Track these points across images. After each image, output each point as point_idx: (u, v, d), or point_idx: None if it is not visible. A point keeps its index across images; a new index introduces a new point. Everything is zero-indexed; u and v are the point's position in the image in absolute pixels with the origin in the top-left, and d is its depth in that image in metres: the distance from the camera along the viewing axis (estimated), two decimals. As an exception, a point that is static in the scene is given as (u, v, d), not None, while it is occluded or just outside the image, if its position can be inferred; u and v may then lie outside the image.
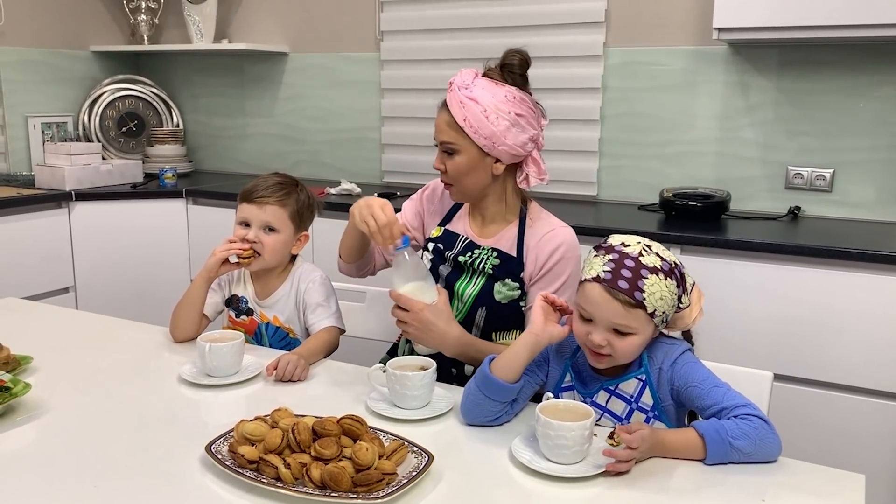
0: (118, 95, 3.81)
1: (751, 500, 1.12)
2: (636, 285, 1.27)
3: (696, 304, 1.36)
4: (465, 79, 1.62)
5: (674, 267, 1.32)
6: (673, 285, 1.30)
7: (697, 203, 2.63)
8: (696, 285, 1.38)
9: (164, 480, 1.15)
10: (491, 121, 1.59)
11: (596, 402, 1.37)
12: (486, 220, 1.75)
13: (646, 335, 1.30)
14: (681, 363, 1.33)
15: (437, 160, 1.69)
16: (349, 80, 3.53)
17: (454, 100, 1.61)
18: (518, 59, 1.65)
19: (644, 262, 1.29)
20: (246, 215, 1.80)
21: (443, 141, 1.66)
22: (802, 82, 2.70)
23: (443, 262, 1.75)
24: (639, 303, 1.26)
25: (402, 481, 1.09)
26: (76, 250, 3.16)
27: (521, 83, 1.65)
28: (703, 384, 1.30)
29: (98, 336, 1.80)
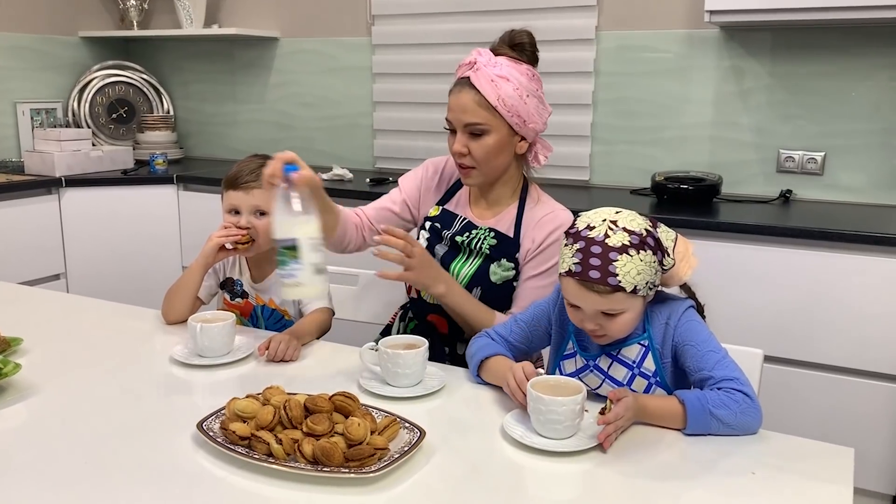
0: (108, 82, 3.79)
1: (740, 473, 1.12)
2: (607, 270, 1.24)
3: (685, 257, 1.33)
4: (487, 58, 1.60)
5: (645, 235, 1.28)
6: (648, 255, 1.27)
7: (689, 187, 2.64)
8: (680, 238, 1.35)
9: (155, 458, 1.14)
10: (524, 99, 1.59)
11: (598, 365, 1.38)
12: (490, 202, 1.74)
13: (636, 309, 1.30)
14: (685, 319, 1.34)
15: (459, 143, 1.63)
16: (340, 66, 3.52)
17: (484, 78, 1.58)
18: (528, 37, 1.64)
19: (611, 244, 1.25)
20: (234, 202, 1.79)
21: (470, 122, 1.60)
22: (795, 66, 2.70)
23: (439, 241, 1.74)
24: (615, 287, 1.25)
25: (393, 456, 1.09)
26: (67, 237, 3.14)
27: (535, 61, 1.66)
28: (700, 346, 1.30)
29: (89, 318, 1.79)
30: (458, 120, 1.62)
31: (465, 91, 1.61)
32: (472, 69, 1.60)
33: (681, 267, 1.33)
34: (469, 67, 1.61)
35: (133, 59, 3.95)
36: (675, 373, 1.37)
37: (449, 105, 1.65)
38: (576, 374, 1.40)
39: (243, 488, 1.06)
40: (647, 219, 1.32)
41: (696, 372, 1.30)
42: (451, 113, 1.64)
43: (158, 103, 3.93)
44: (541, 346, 1.51)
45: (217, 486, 1.07)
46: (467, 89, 1.60)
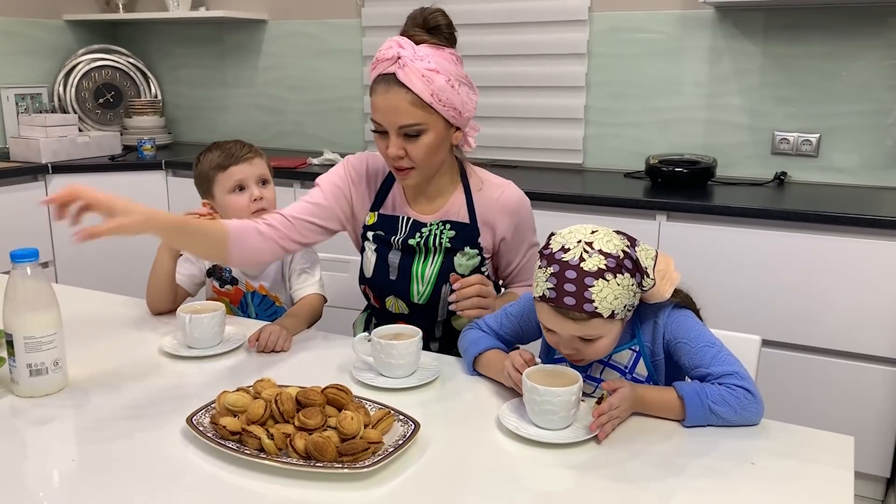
0: (94, 66, 3.73)
1: (740, 463, 1.11)
2: (583, 297, 1.18)
3: (666, 275, 1.27)
4: (411, 50, 1.47)
5: (622, 258, 1.20)
6: (625, 279, 1.20)
7: (683, 170, 2.62)
8: (661, 255, 1.29)
9: (144, 453, 1.12)
10: (456, 89, 1.50)
11: (590, 374, 1.35)
12: (431, 196, 1.65)
13: (614, 333, 1.25)
14: (674, 316, 1.30)
15: (394, 146, 1.50)
16: (330, 49, 3.47)
17: (413, 74, 1.45)
18: (443, 18, 1.52)
19: (586, 269, 1.18)
20: (239, 177, 1.76)
21: (406, 124, 1.48)
22: (789, 46, 2.67)
23: (388, 248, 1.65)
24: (591, 313, 1.19)
25: (388, 450, 1.07)
26: (54, 224, 3.10)
27: (453, 42, 1.54)
28: (693, 342, 1.26)
29: (77, 309, 1.75)
30: (391, 122, 1.49)
31: (393, 90, 1.47)
32: (398, 65, 1.46)
33: (661, 285, 1.26)
34: (392, 63, 1.47)
35: (119, 43, 3.89)
36: (670, 368, 1.34)
37: (375, 105, 1.50)
38: None
39: (234, 484, 1.04)
40: (625, 237, 1.24)
41: (693, 369, 1.26)
42: (380, 114, 1.50)
43: (146, 87, 3.88)
44: (532, 339, 1.47)
45: (207, 482, 1.05)
46: (396, 88, 1.47)
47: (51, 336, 1.28)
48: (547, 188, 2.53)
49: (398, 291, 1.67)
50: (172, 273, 1.74)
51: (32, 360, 1.27)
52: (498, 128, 3.13)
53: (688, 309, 1.33)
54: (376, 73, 1.51)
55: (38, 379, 1.28)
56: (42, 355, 1.27)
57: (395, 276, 1.66)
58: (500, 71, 3.09)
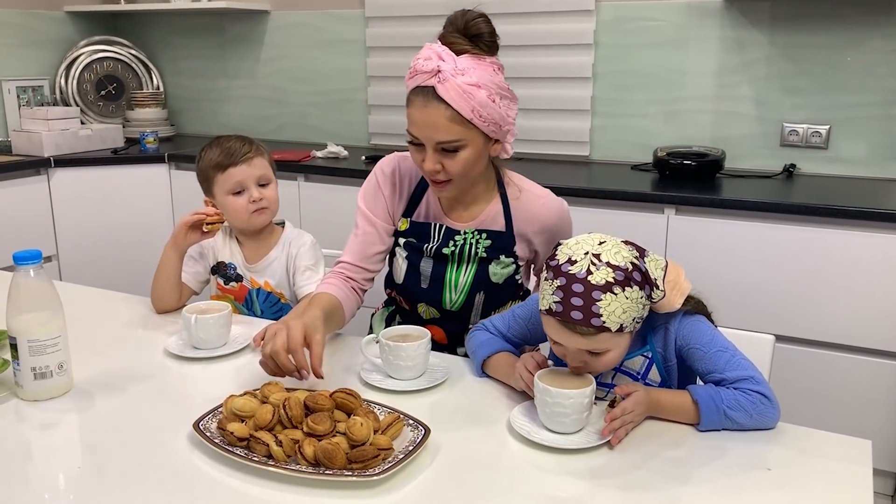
0: (96, 58, 3.70)
1: (756, 468, 1.09)
2: (590, 311, 1.14)
3: (676, 285, 1.24)
4: (451, 63, 1.40)
5: (631, 270, 1.16)
6: (634, 292, 1.16)
7: (692, 162, 2.59)
8: (671, 264, 1.25)
9: (150, 458, 1.10)
10: (497, 103, 1.44)
11: (602, 382, 1.32)
12: (467, 204, 1.61)
13: (622, 346, 1.22)
14: (685, 321, 1.27)
15: (431, 161, 1.45)
16: (333, 39, 3.44)
17: (454, 90, 1.39)
18: (486, 25, 1.45)
19: (594, 282, 1.14)
20: (238, 179, 1.73)
21: (443, 140, 1.43)
22: (797, 36, 2.63)
23: (420, 256, 1.61)
24: (599, 328, 1.15)
25: (398, 456, 1.05)
26: (57, 218, 3.09)
27: (495, 49, 1.48)
28: (706, 347, 1.24)
29: (81, 308, 1.74)
30: (429, 138, 1.44)
31: (432, 105, 1.41)
32: (437, 79, 1.40)
33: (671, 296, 1.23)
34: (432, 76, 1.40)
35: (121, 35, 3.86)
36: (682, 373, 1.32)
37: (413, 119, 1.45)
38: None
39: (242, 491, 1.02)
40: (634, 248, 1.21)
41: (706, 374, 1.24)
42: (417, 129, 1.45)
43: (148, 79, 3.85)
44: (540, 342, 1.45)
45: (215, 489, 1.03)
46: (435, 103, 1.41)
47: (55, 339, 1.26)
48: (553, 181, 2.49)
49: (430, 299, 1.64)
50: (179, 272, 1.72)
51: (37, 364, 1.25)
52: (503, 119, 3.10)
53: (700, 314, 1.30)
54: (414, 85, 1.44)
55: (42, 382, 1.27)
56: (46, 358, 1.26)
57: (426, 285, 1.62)
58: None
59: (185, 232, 1.70)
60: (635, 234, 2.44)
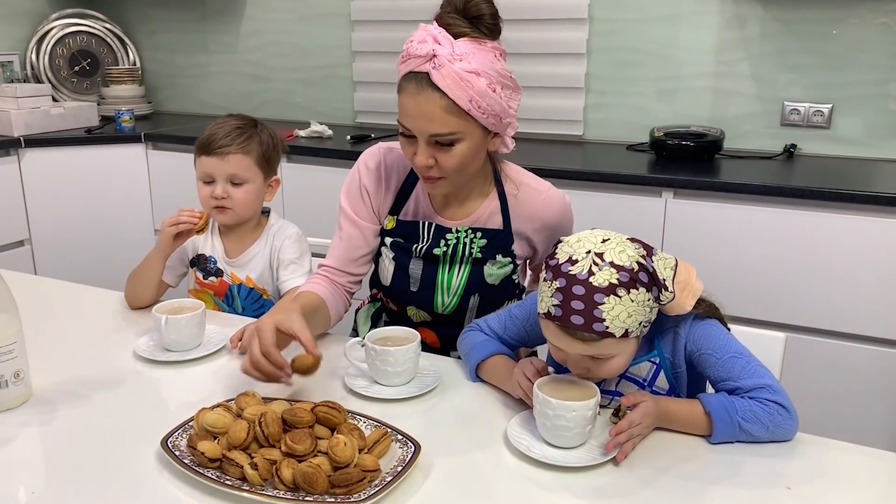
0: (68, 31, 3.54)
1: (775, 487, 1.00)
2: (592, 315, 1.05)
3: (687, 286, 1.15)
4: (448, 47, 1.27)
5: (636, 270, 1.07)
6: (640, 294, 1.07)
7: (690, 142, 2.49)
8: (681, 264, 1.16)
9: (115, 479, 1.01)
10: (498, 93, 1.31)
11: (605, 388, 1.23)
12: (461, 200, 1.48)
13: (628, 352, 1.13)
14: (696, 326, 1.18)
15: (423, 155, 1.32)
16: (317, 12, 3.30)
17: (450, 77, 1.26)
18: (487, 7, 1.31)
19: (596, 284, 1.05)
20: (208, 170, 1.62)
21: (437, 133, 1.30)
22: (799, 11, 2.52)
23: (408, 258, 1.50)
24: (602, 333, 1.06)
25: (385, 479, 0.96)
26: (29, 201, 2.96)
27: (497, 32, 1.34)
28: (719, 352, 1.15)
29: (46, 303, 1.63)
30: (421, 130, 1.31)
31: (425, 94, 1.28)
32: (432, 64, 1.26)
33: (682, 298, 1.14)
34: (426, 61, 1.27)
35: (95, 7, 3.69)
36: (692, 380, 1.23)
37: (404, 108, 1.32)
38: None
39: (215, 518, 0.93)
40: (641, 246, 1.11)
41: (719, 382, 1.15)
42: (409, 119, 1.31)
43: (124, 54, 3.69)
44: (538, 344, 1.36)
45: (185, 516, 0.94)
46: (429, 91, 1.27)
47: (10, 346, 1.16)
48: (546, 162, 2.40)
49: (420, 302, 1.52)
50: (160, 275, 1.62)
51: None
52: (494, 97, 2.98)
53: (712, 318, 1.20)
54: (406, 70, 1.31)
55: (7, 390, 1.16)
56: (1, 367, 1.15)
57: (416, 288, 1.51)
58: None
59: (172, 241, 1.58)
60: (631, 218, 2.37)
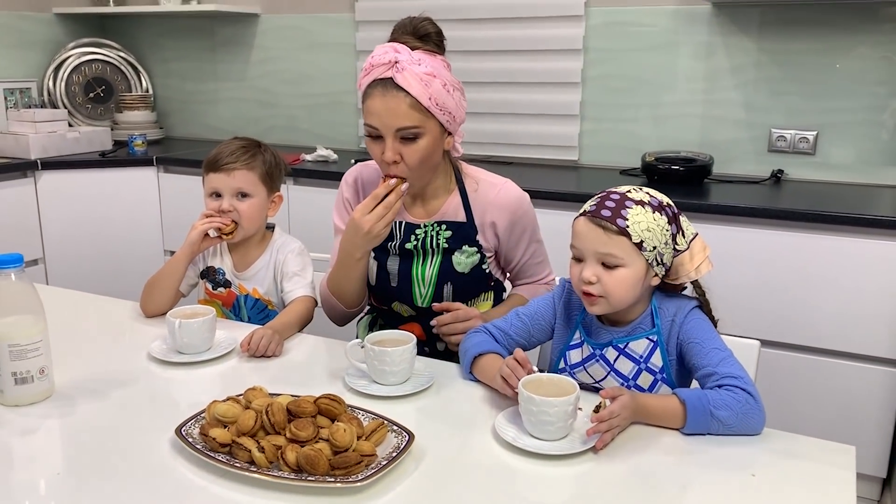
0: (84, 60, 3.68)
1: (739, 474, 1.09)
2: (619, 213, 1.26)
3: (700, 252, 1.33)
4: (407, 55, 1.47)
5: (665, 205, 1.30)
6: (662, 220, 1.28)
7: (680, 167, 2.59)
8: (700, 238, 1.35)
9: (132, 465, 1.09)
10: (451, 94, 1.51)
11: (605, 356, 1.35)
12: (426, 200, 1.65)
13: (636, 270, 1.27)
14: (691, 317, 1.32)
15: (391, 150, 1.49)
16: (323, 42, 3.43)
17: (412, 77, 1.45)
18: (432, 26, 1.54)
19: (630, 196, 1.29)
20: (215, 185, 1.74)
21: (403, 127, 1.47)
22: (785, 42, 2.64)
23: (386, 255, 1.66)
24: (622, 229, 1.25)
25: (381, 463, 1.05)
26: (44, 221, 3.07)
27: (443, 51, 1.56)
28: (704, 343, 1.28)
29: (65, 312, 1.73)
30: (388, 126, 1.48)
31: (391, 93, 1.46)
32: (396, 69, 1.46)
33: (694, 259, 1.32)
34: (389, 67, 1.46)
35: (110, 37, 3.84)
36: (680, 371, 1.34)
37: (371, 109, 1.49)
38: (581, 363, 1.37)
39: (224, 497, 1.02)
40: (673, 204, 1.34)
41: (699, 369, 1.27)
42: (377, 118, 1.48)
43: (137, 82, 3.83)
44: (540, 341, 1.48)
45: (197, 496, 1.02)
46: (394, 91, 1.46)
47: (36, 343, 1.25)
48: (542, 185, 2.50)
49: (401, 297, 1.67)
50: (182, 278, 1.72)
51: (17, 369, 1.24)
52: (492, 124, 3.10)
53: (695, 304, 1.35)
54: (371, 79, 1.50)
55: (23, 387, 1.25)
56: (27, 363, 1.25)
57: (395, 283, 1.66)
58: (494, 67, 3.05)
59: (200, 242, 1.70)
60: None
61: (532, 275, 1.74)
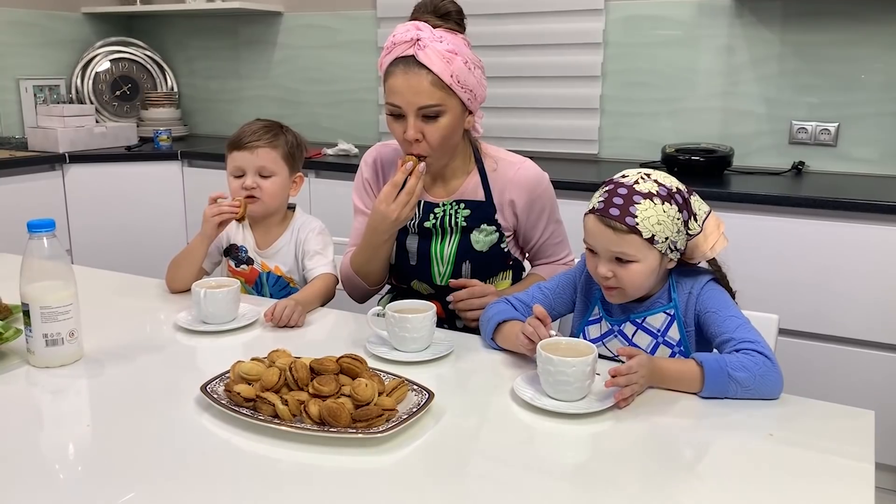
0: (111, 58, 3.75)
1: (758, 434, 1.09)
2: (627, 211, 1.24)
3: (714, 231, 1.32)
4: (429, 32, 1.48)
5: (674, 192, 1.28)
6: (672, 209, 1.26)
7: (700, 158, 2.59)
8: (713, 215, 1.34)
9: (158, 422, 1.12)
10: (472, 72, 1.52)
11: (623, 331, 1.36)
12: (446, 179, 1.67)
13: (650, 263, 1.27)
14: (707, 288, 1.33)
15: (413, 129, 1.50)
16: (345, 40, 3.47)
17: (434, 55, 1.46)
18: (453, 5, 1.55)
19: (637, 189, 1.26)
20: (239, 164, 1.77)
21: (426, 105, 1.48)
22: (807, 34, 2.64)
23: (405, 234, 1.67)
24: (631, 228, 1.24)
25: (401, 417, 1.07)
26: (71, 214, 3.12)
27: (463, 30, 1.57)
28: (720, 311, 1.29)
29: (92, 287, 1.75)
30: (411, 103, 1.49)
31: (413, 72, 1.47)
32: (417, 46, 1.46)
33: (708, 239, 1.31)
34: (412, 45, 1.47)
35: (136, 36, 3.91)
36: (699, 344, 1.35)
37: (393, 87, 1.50)
38: (600, 338, 1.38)
39: (249, 450, 1.04)
40: (683, 184, 1.32)
41: (717, 336, 1.28)
42: (400, 96, 1.49)
43: (162, 80, 3.90)
44: (561, 314, 1.49)
45: (221, 448, 1.04)
46: (416, 69, 1.47)
47: (66, 307, 1.29)
48: (562, 178, 2.51)
49: (420, 275, 1.69)
50: (203, 259, 1.74)
51: (48, 330, 1.27)
52: (513, 118, 3.12)
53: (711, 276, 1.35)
54: (393, 57, 1.51)
55: (53, 349, 1.29)
56: (58, 325, 1.28)
57: (414, 262, 1.68)
58: (515, 61, 3.08)
59: (216, 229, 1.71)
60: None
61: (551, 255, 1.75)
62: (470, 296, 1.58)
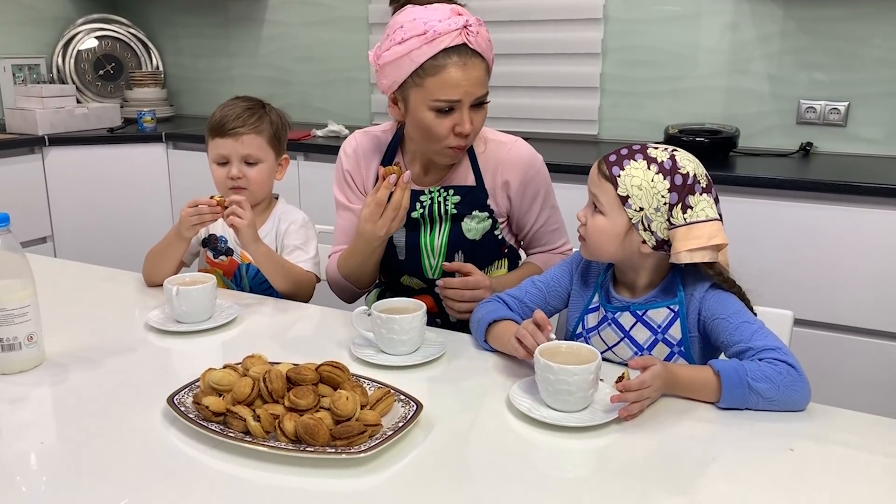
0: (94, 36, 3.62)
1: (777, 449, 1.00)
2: (621, 162, 1.21)
3: (700, 239, 1.17)
4: (468, 16, 1.38)
5: (678, 171, 1.19)
6: (662, 184, 1.18)
7: (704, 139, 2.49)
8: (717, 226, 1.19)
9: (124, 435, 1.02)
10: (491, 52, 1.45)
11: (618, 320, 1.26)
12: (433, 163, 1.55)
13: (615, 225, 1.21)
14: (712, 292, 1.22)
15: (468, 122, 1.39)
16: (335, 17, 3.34)
17: (484, 41, 1.38)
18: None
19: (648, 152, 1.21)
20: (222, 151, 1.66)
21: (481, 95, 1.40)
22: (815, 9, 2.53)
23: None
24: (612, 177, 1.20)
25: (386, 433, 0.97)
26: (52, 198, 3.01)
27: None
28: (731, 318, 1.18)
29: (65, 282, 1.66)
30: (471, 94, 1.37)
31: (471, 62, 1.36)
32: (468, 33, 1.35)
33: (688, 241, 1.17)
34: (463, 31, 1.35)
35: (120, 13, 3.78)
36: (704, 350, 1.25)
37: (452, 81, 1.35)
38: (596, 326, 1.30)
39: (218, 469, 0.94)
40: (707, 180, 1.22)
41: (731, 346, 1.17)
42: (457, 89, 1.36)
43: (147, 59, 3.77)
44: (556, 309, 1.39)
45: (188, 467, 0.95)
46: (472, 59, 1.36)
47: (24, 308, 1.19)
48: (561, 160, 2.41)
49: (410, 270, 1.58)
50: (181, 255, 1.63)
51: (4, 335, 1.18)
52: (510, 97, 3.00)
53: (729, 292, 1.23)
54: (440, 48, 1.34)
55: (10, 354, 1.19)
56: (14, 329, 1.18)
57: (403, 256, 1.57)
58: (511, 38, 2.96)
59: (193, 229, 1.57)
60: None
61: (547, 243, 1.64)
62: (463, 286, 1.48)
